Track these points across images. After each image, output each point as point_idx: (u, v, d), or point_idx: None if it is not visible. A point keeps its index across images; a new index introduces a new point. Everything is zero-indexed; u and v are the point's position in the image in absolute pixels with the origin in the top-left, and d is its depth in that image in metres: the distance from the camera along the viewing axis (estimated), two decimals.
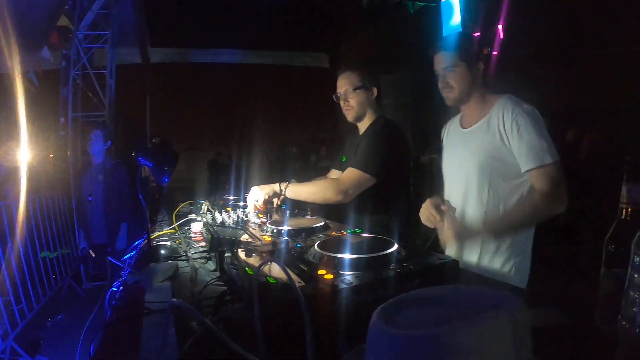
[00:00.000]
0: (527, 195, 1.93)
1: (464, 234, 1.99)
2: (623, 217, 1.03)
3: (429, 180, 2.51)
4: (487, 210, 1.98)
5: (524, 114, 1.88)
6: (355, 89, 2.54)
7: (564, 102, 7.00)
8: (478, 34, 2.26)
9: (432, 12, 7.13)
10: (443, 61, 2.04)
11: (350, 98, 2.56)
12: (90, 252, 5.15)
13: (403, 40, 8.37)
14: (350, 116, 2.62)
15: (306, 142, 12.68)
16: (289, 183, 2.41)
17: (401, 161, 2.54)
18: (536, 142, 1.84)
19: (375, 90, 2.58)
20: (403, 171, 2.57)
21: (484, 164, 1.97)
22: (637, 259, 0.79)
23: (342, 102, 2.61)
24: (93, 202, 4.75)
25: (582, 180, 5.91)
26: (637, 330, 0.78)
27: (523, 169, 1.88)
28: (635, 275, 0.79)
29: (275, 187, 2.37)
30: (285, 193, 2.39)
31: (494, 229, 1.96)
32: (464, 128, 2.13)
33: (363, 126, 2.63)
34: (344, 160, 2.75)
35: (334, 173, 2.85)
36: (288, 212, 2.28)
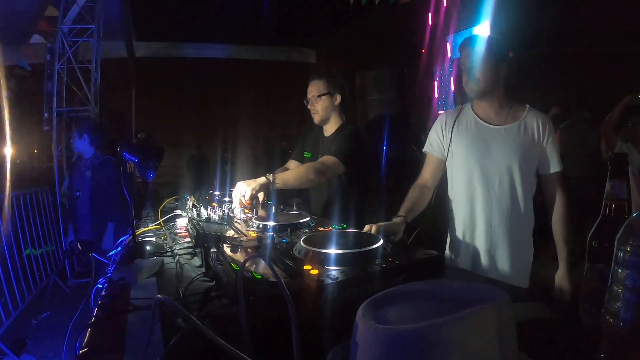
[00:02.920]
0: (556, 208, 2.23)
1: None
2: (607, 212, 1.04)
3: (410, 174, 2.60)
4: (528, 198, 2.21)
5: (551, 126, 2.20)
6: (320, 95, 2.85)
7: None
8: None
9: (418, 9, 7.16)
10: (472, 54, 2.17)
11: (316, 104, 2.86)
12: (78, 245, 5.05)
13: (389, 36, 8.38)
14: (316, 119, 2.93)
15: (293, 137, 12.65)
16: (274, 174, 2.43)
17: (366, 160, 2.93)
18: (557, 151, 2.20)
19: (338, 97, 2.87)
20: (365, 168, 2.95)
21: (525, 159, 2.16)
22: (621, 254, 0.80)
23: (310, 107, 2.90)
24: (81, 198, 4.62)
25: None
26: (621, 324, 0.79)
27: (553, 170, 2.19)
28: (619, 270, 0.80)
29: (261, 180, 2.37)
30: (275, 183, 2.41)
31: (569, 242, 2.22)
32: (491, 124, 2.25)
33: (328, 129, 2.95)
34: (307, 156, 3.04)
35: (293, 164, 3.12)
36: (274, 207, 2.28)
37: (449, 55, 6.92)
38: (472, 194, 2.26)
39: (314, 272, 1.17)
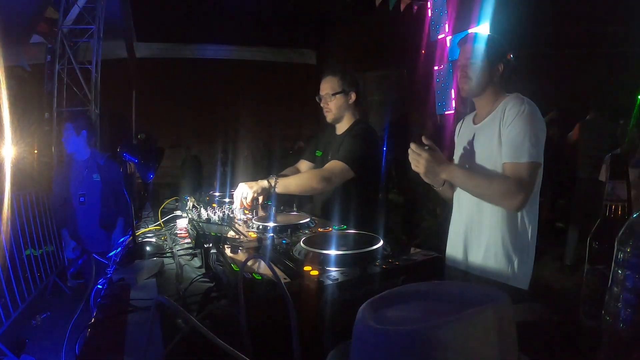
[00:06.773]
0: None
1: (435, 165, 1.91)
2: (607, 213, 1.04)
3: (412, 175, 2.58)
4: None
5: (520, 110, 1.89)
6: (334, 93, 2.74)
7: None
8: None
9: (418, 10, 7.16)
10: (467, 52, 2.07)
11: (330, 102, 2.77)
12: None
13: (389, 37, 8.39)
14: (329, 118, 2.82)
15: (292, 138, 12.65)
16: (276, 178, 2.42)
17: (377, 161, 2.77)
18: (519, 139, 1.86)
19: (353, 95, 2.78)
20: (378, 170, 2.80)
21: (490, 159, 1.98)
22: (621, 255, 0.80)
23: (322, 104, 2.81)
24: (87, 204, 4.08)
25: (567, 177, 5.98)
26: (621, 325, 0.79)
27: (502, 161, 1.92)
28: (619, 272, 0.80)
29: (263, 183, 2.37)
30: (275, 188, 2.40)
31: (457, 174, 1.96)
32: (475, 124, 2.16)
33: (341, 127, 2.85)
34: (318, 154, 2.96)
35: (304, 164, 3.06)
36: (274, 208, 2.28)
37: (448, 56, 6.94)
38: (459, 198, 2.21)
39: (314, 273, 1.17)
